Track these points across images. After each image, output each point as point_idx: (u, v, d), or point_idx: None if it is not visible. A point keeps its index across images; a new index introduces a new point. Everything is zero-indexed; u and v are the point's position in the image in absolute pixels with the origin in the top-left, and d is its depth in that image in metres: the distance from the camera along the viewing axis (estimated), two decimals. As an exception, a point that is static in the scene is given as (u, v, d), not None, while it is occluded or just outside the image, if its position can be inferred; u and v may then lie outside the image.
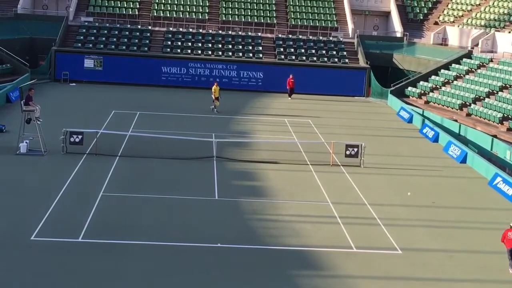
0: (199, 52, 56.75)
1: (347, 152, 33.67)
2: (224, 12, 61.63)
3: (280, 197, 27.96)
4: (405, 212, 27.09)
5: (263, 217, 25.56)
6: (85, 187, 27.52)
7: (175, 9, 61.23)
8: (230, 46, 57.61)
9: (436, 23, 63.37)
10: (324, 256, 21.90)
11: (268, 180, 30.35)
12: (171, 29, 59.02)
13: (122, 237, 22.51)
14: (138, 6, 61.17)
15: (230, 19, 60.98)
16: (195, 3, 61.98)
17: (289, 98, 52.45)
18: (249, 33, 59.42)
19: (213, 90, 45.26)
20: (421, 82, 53.77)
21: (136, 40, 57.23)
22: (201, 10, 61.53)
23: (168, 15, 60.52)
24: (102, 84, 53.48)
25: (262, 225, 24.63)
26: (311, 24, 61.19)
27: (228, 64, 55.73)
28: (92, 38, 57.03)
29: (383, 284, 20.17)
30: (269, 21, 61.14)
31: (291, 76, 52.93)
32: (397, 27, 62.41)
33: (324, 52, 57.91)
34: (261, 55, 57.12)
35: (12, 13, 58.97)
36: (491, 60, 52.16)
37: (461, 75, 52.24)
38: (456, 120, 44.60)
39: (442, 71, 53.94)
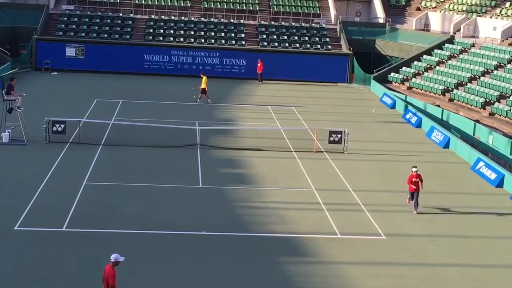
0: (182, 39, 56.47)
1: (331, 139, 33.74)
2: (206, -1, 61.38)
3: (264, 184, 27.98)
4: (388, 197, 27.22)
5: (248, 204, 25.59)
6: (68, 176, 27.39)
7: (157, -4, 60.93)
8: (213, 34, 57.38)
9: (418, 9, 63.43)
10: (309, 242, 21.98)
11: (252, 167, 30.36)
12: (153, 16, 58.65)
13: (106, 226, 22.46)
14: (119, -6, 60.78)
15: (213, 6, 60.68)
16: (177, -9, 61.71)
17: (260, 82, 53.15)
18: (232, 20, 59.20)
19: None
20: (404, 68, 53.90)
21: (118, 28, 56.86)
22: (183, -3, 61.25)
23: (150, 2, 60.13)
24: (84, 73, 53.07)
25: (246, 212, 24.66)
26: (294, 10, 61.07)
27: (211, 52, 55.51)
28: (74, 26, 56.58)
29: (368, 269, 20.28)
30: (251, 8, 60.93)
31: (259, 60, 53.62)
32: (379, 13, 62.41)
33: (306, 38, 57.83)
34: (243, 42, 56.96)
35: (-9, 2, 58.39)
36: (473, 45, 52.35)
37: (444, 60, 52.41)
38: (438, 106, 44.80)
39: (425, 56, 54.09)
